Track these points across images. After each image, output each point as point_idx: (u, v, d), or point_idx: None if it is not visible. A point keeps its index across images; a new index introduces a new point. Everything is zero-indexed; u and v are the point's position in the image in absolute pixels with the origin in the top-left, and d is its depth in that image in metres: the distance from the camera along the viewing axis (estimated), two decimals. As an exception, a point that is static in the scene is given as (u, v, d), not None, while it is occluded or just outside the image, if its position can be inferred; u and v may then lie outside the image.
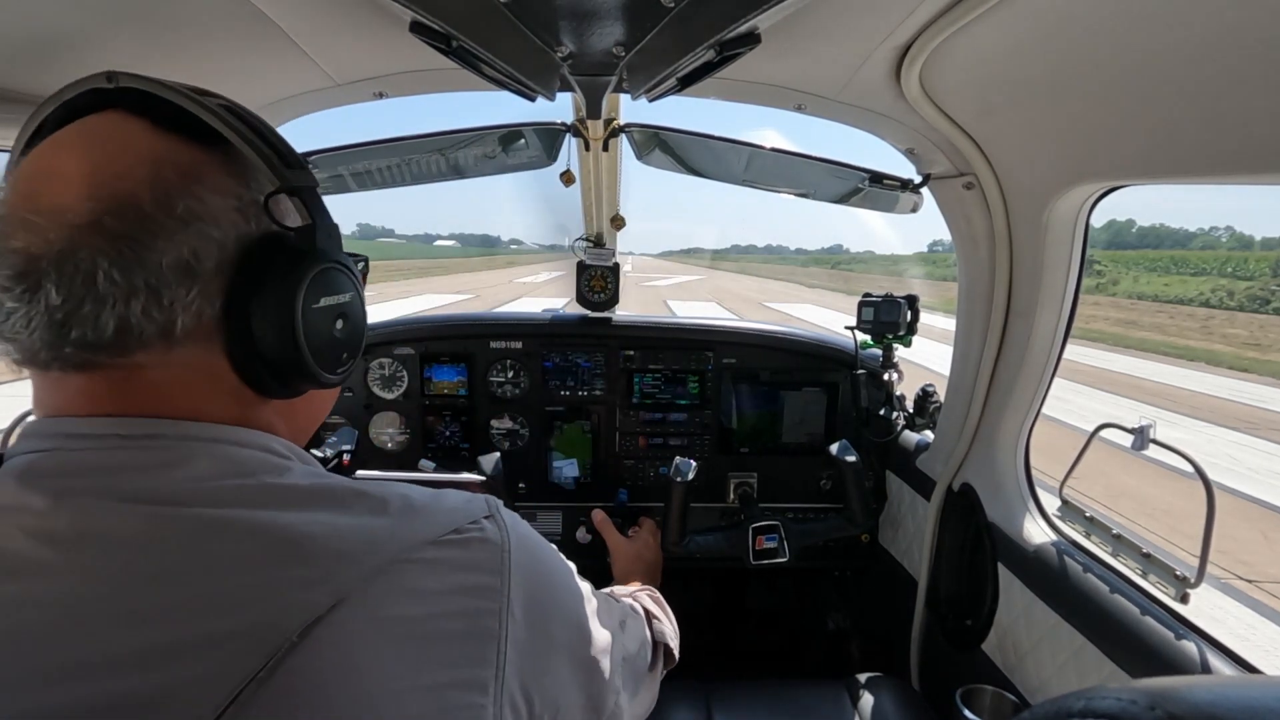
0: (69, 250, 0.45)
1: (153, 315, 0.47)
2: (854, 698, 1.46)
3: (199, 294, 0.49)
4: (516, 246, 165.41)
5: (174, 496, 0.46)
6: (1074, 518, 1.25)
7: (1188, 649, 0.95)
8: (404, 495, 0.53)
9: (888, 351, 1.78)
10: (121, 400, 0.49)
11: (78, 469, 0.46)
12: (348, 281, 0.59)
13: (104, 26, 0.85)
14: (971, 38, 0.90)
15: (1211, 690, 0.25)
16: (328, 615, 0.43)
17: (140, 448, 0.48)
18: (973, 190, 1.28)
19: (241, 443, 0.52)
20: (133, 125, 0.50)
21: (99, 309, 0.45)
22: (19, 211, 0.46)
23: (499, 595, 0.51)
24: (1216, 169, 0.79)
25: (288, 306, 0.52)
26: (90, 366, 0.48)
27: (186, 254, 0.48)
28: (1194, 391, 12.76)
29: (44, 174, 0.47)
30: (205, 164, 0.51)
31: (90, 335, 0.46)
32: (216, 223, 0.50)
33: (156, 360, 0.49)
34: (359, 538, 0.48)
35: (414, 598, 0.47)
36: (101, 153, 0.48)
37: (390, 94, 1.27)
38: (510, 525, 0.57)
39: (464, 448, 1.94)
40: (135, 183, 0.47)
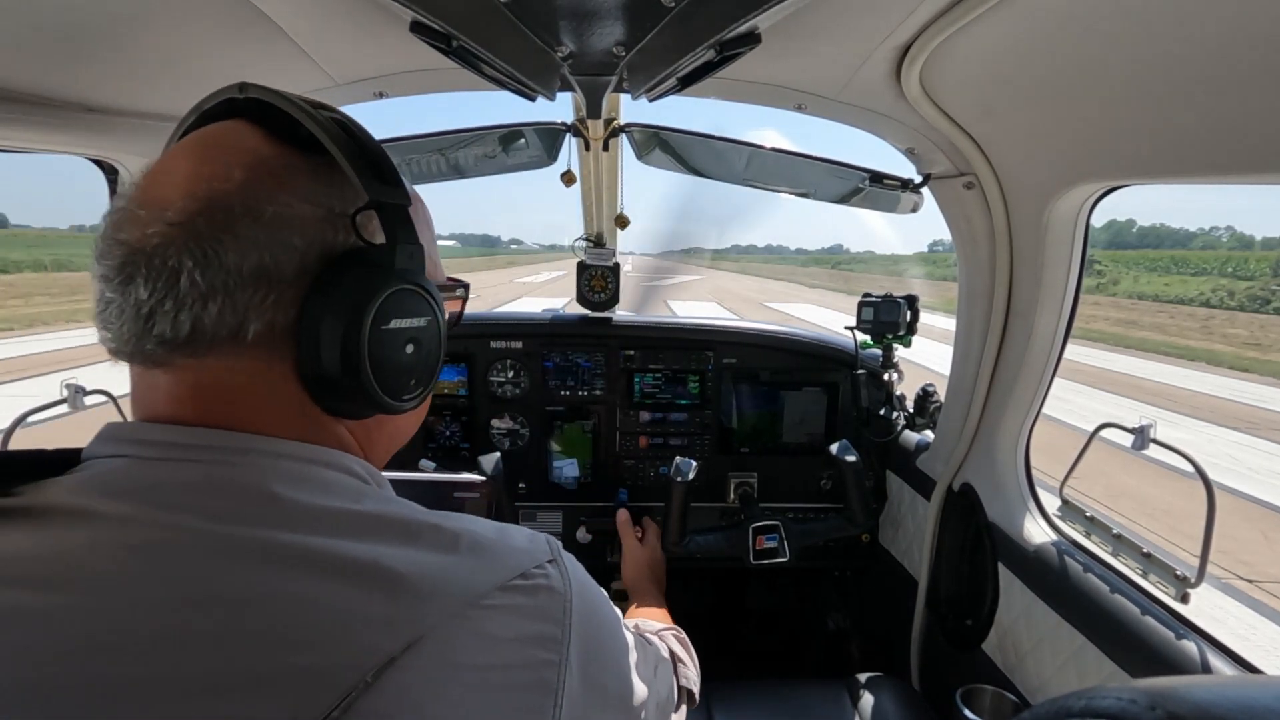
0: (162, 246, 0.46)
1: (226, 318, 0.47)
2: (854, 697, 1.46)
3: (274, 301, 0.49)
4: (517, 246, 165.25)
5: (248, 518, 0.45)
6: (1074, 518, 1.25)
7: (1188, 649, 0.95)
8: (472, 532, 0.51)
9: (888, 351, 1.78)
10: (197, 405, 0.49)
11: (154, 483, 0.46)
12: (426, 305, 0.57)
13: (104, 26, 0.85)
14: (972, 37, 0.90)
15: (1212, 690, 0.25)
16: (401, 658, 0.41)
17: (208, 461, 0.47)
18: (973, 190, 1.28)
19: (313, 460, 0.51)
20: (246, 131, 0.52)
21: (178, 308, 0.46)
22: (131, 206, 0.48)
23: (560, 646, 0.50)
24: (1217, 169, 0.79)
25: (354, 325, 0.50)
26: (167, 364, 0.48)
27: (267, 260, 0.48)
28: (1194, 391, 12.74)
29: (160, 171, 0.49)
30: (301, 171, 0.51)
31: (169, 333, 0.46)
32: (301, 231, 0.50)
33: (226, 364, 0.49)
34: (435, 577, 0.46)
35: (484, 645, 0.45)
36: (207, 155, 0.50)
37: (390, 94, 1.27)
38: (572, 572, 0.56)
39: (464, 447, 1.94)
40: (230, 185, 0.48)
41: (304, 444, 0.51)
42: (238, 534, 0.43)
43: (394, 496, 0.53)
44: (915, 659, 1.68)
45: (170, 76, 1.02)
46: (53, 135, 0.98)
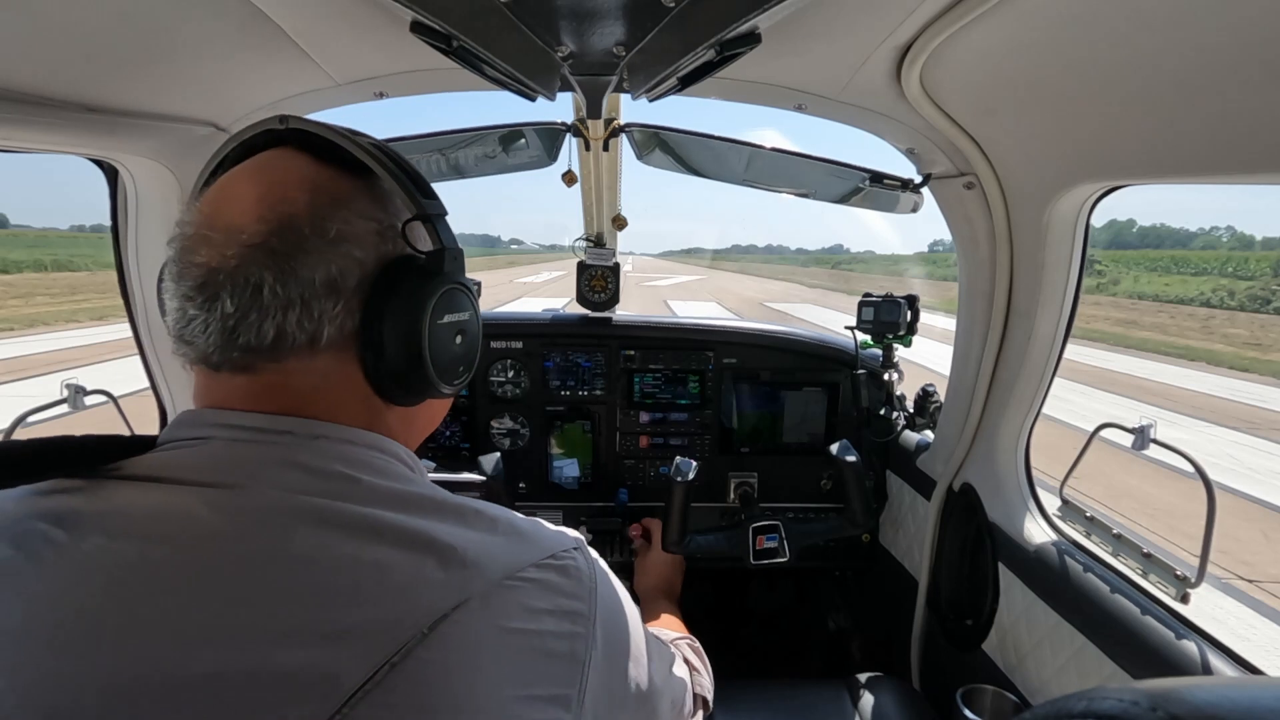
0: (242, 265, 0.51)
1: (304, 325, 0.53)
2: (854, 698, 1.46)
3: (343, 308, 0.55)
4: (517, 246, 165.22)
5: (321, 491, 0.51)
6: (1074, 518, 1.25)
7: (1188, 649, 0.95)
8: (509, 519, 0.58)
9: (888, 351, 1.78)
10: (272, 399, 0.55)
11: (241, 458, 0.52)
12: (468, 301, 0.65)
13: (105, 26, 0.85)
14: (972, 37, 0.90)
15: (1213, 691, 0.25)
16: (451, 614, 0.47)
17: (288, 443, 0.53)
18: (973, 190, 1.28)
19: (374, 446, 0.57)
20: (297, 159, 0.57)
21: (262, 318, 0.52)
22: (202, 230, 0.53)
23: (588, 622, 0.55)
24: (1217, 169, 0.79)
25: (416, 322, 0.58)
26: (250, 369, 0.54)
27: (335, 272, 0.54)
28: (1194, 391, 12.71)
29: (224, 198, 0.54)
30: (353, 192, 0.58)
31: (254, 341, 0.52)
32: (360, 244, 0.56)
33: (303, 366, 0.55)
34: (482, 551, 0.52)
35: (526, 613, 0.51)
36: (270, 181, 0.55)
37: (391, 94, 1.27)
38: (595, 560, 0.62)
39: (464, 447, 1.94)
40: (297, 207, 0.54)
41: (365, 431, 0.58)
42: (314, 504, 0.49)
43: (433, 484, 0.59)
44: (916, 659, 1.68)
45: (171, 77, 1.02)
46: (53, 135, 0.98)
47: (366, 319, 0.57)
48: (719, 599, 2.40)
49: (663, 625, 1.26)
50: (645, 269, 67.77)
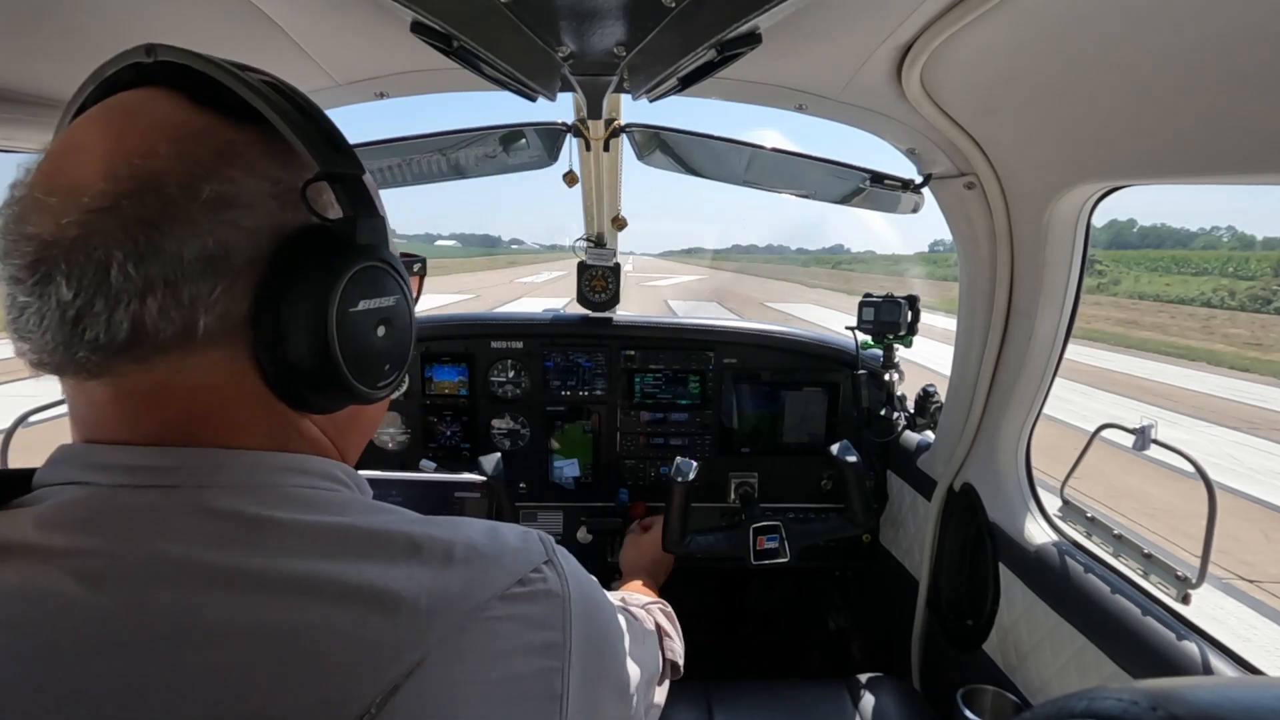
0: (82, 237, 0.39)
1: (169, 315, 0.41)
2: (855, 698, 1.46)
3: (224, 291, 0.43)
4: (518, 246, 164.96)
5: (226, 545, 0.41)
6: (1075, 518, 1.25)
7: (1189, 649, 0.95)
8: (467, 540, 0.48)
9: (888, 352, 1.78)
10: (152, 419, 0.44)
11: (123, 511, 0.41)
12: (393, 283, 0.52)
13: (103, 25, 0.85)
14: (973, 38, 0.90)
15: (1214, 691, 0.25)
16: (405, 683, 0.39)
17: (181, 483, 0.43)
18: (974, 190, 1.28)
19: (291, 469, 0.47)
20: (166, 100, 0.45)
21: (112, 306, 0.40)
22: (35, 192, 0.41)
23: (563, 651, 0.48)
24: (1218, 169, 0.79)
25: (320, 309, 0.46)
26: (106, 373, 0.42)
27: (212, 245, 0.42)
28: (1195, 391, 12.71)
29: (66, 151, 0.42)
30: (240, 143, 0.45)
31: (103, 336, 0.40)
32: (250, 210, 0.44)
33: (174, 366, 0.43)
34: (432, 593, 0.43)
35: (488, 659, 0.43)
36: (125, 128, 0.43)
37: (391, 94, 1.27)
38: (568, 571, 0.53)
39: (465, 447, 1.95)
40: (159, 160, 0.42)
41: (276, 454, 0.47)
42: (222, 563, 0.40)
43: (377, 504, 0.50)
44: (916, 659, 1.68)
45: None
46: (49, 135, 0.98)
47: (257, 306, 0.45)
48: (719, 599, 2.40)
49: (636, 590, 1.25)
50: (646, 269, 67.74)
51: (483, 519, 0.54)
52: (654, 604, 1.01)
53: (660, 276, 51.51)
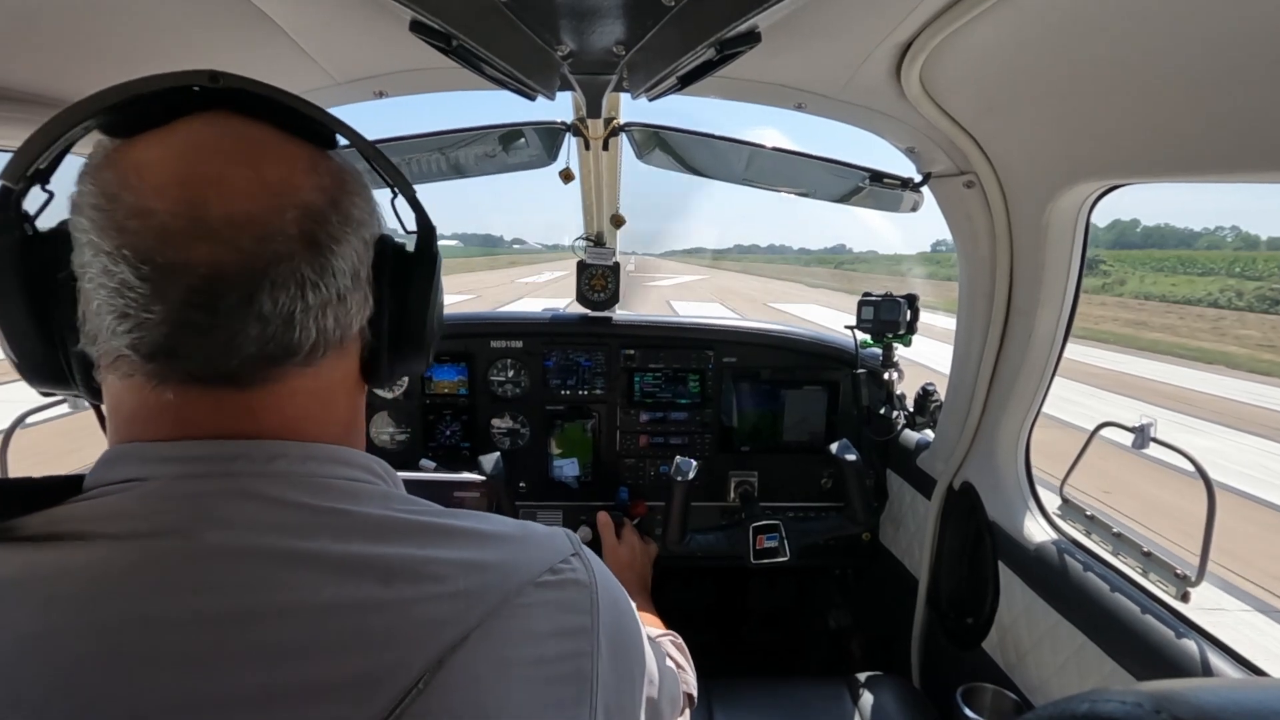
0: (276, 261, 0.44)
1: (340, 321, 0.49)
2: (855, 696, 1.46)
3: (361, 297, 0.51)
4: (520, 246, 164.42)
5: (292, 526, 0.45)
6: (1075, 516, 1.25)
7: (1188, 648, 0.95)
8: (499, 532, 0.52)
9: (888, 350, 1.78)
10: (252, 416, 0.48)
11: (186, 496, 0.44)
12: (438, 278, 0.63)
13: (102, 23, 0.85)
14: (972, 36, 0.90)
15: (1217, 693, 0.25)
16: (451, 656, 0.42)
17: (241, 472, 0.46)
18: (973, 189, 1.28)
19: (341, 461, 0.51)
20: (268, 132, 0.48)
21: (305, 319, 0.46)
22: (194, 220, 0.43)
23: (591, 636, 0.52)
24: (1218, 167, 0.79)
25: (432, 303, 0.57)
26: (263, 381, 0.47)
27: (355, 259, 0.50)
28: (1214, 396, 12.35)
29: (205, 180, 0.44)
30: (345, 172, 0.52)
31: (292, 347, 0.46)
32: (365, 227, 0.52)
33: (330, 366, 0.51)
34: (475, 576, 0.47)
35: (529, 639, 0.47)
36: (262, 158, 0.46)
37: (390, 93, 1.27)
38: (593, 563, 0.57)
39: (464, 447, 1.95)
40: (309, 190, 0.47)
41: (331, 445, 0.51)
42: (284, 545, 0.43)
43: (411, 497, 0.54)
44: (916, 658, 1.68)
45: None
46: None
47: (383, 305, 0.53)
48: (719, 598, 2.41)
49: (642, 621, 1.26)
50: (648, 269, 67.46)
51: (506, 517, 0.57)
52: (665, 636, 1.02)
53: (662, 276, 51.13)
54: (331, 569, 0.43)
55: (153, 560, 0.41)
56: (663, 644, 0.97)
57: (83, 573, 0.40)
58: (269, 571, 0.42)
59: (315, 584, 0.42)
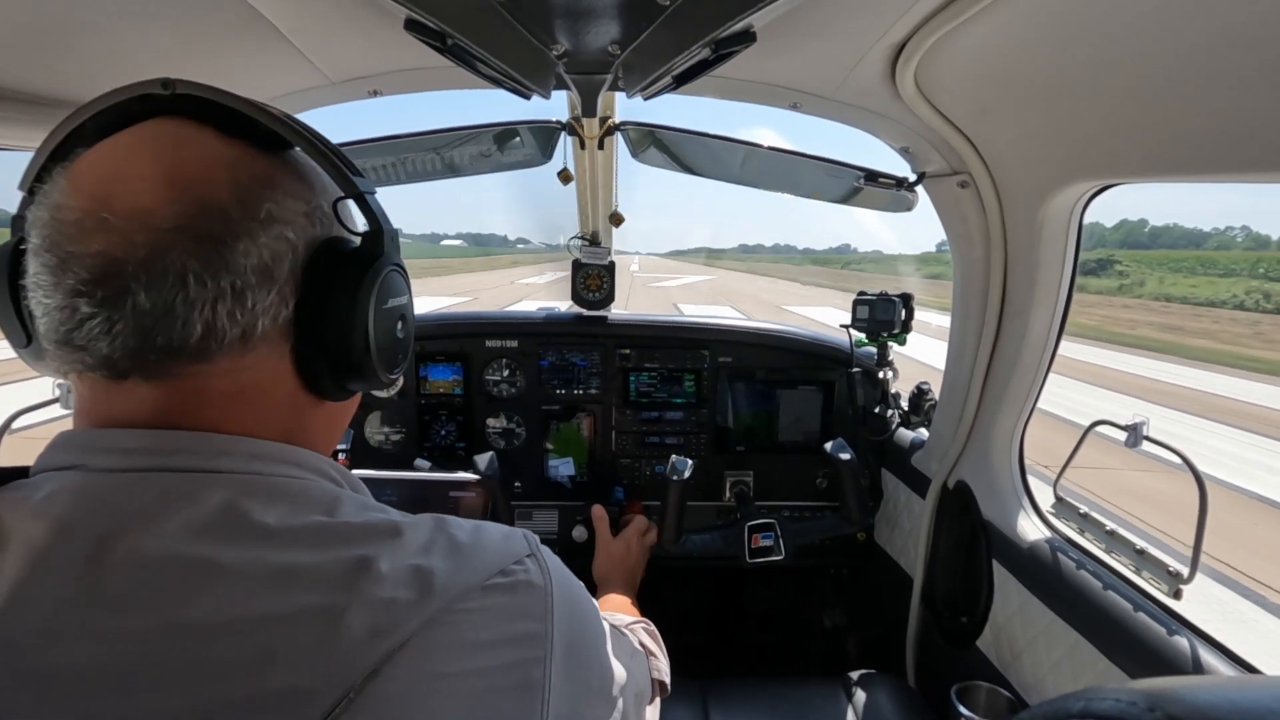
0: (158, 253, 0.44)
1: (236, 318, 0.47)
2: (850, 695, 1.47)
3: (275, 297, 0.50)
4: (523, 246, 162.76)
5: (220, 532, 0.43)
6: (1068, 514, 1.26)
7: (1180, 645, 0.96)
8: (449, 535, 0.51)
9: (883, 349, 1.78)
10: (184, 411, 0.48)
11: (109, 494, 0.44)
12: (404, 285, 0.60)
13: (97, 22, 0.84)
14: (966, 37, 0.90)
15: (1212, 691, 0.25)
16: (382, 669, 0.41)
17: (179, 468, 0.46)
18: (967, 189, 1.29)
19: (288, 461, 0.50)
20: (199, 132, 0.50)
21: (188, 312, 0.45)
22: (95, 213, 0.44)
23: (544, 642, 0.50)
24: (1211, 167, 0.80)
25: (362, 308, 0.53)
26: (165, 374, 0.47)
27: (267, 257, 0.49)
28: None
29: (115, 177, 0.46)
30: (277, 169, 0.52)
31: (177, 340, 0.46)
32: (291, 226, 0.51)
33: (234, 365, 0.49)
34: (415, 583, 0.45)
35: (466, 651, 0.45)
36: (177, 156, 0.48)
37: (385, 92, 1.27)
38: (551, 565, 0.55)
39: (460, 447, 1.94)
40: (216, 186, 0.47)
41: (281, 444, 0.51)
42: (196, 555, 0.42)
43: (365, 500, 0.53)
44: (911, 656, 1.69)
45: (165, 74, 1.01)
46: (40, 132, 0.97)
47: (304, 308, 0.52)
48: (716, 598, 2.41)
49: (615, 608, 1.24)
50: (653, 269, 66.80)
51: (473, 519, 0.55)
52: (637, 624, 1.02)
53: (668, 277, 50.13)
54: (263, 578, 0.42)
55: (66, 567, 0.40)
56: (635, 631, 0.97)
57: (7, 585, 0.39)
58: (195, 581, 0.41)
59: (245, 594, 0.41)
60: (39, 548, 0.41)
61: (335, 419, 0.62)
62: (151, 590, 0.40)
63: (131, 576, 0.41)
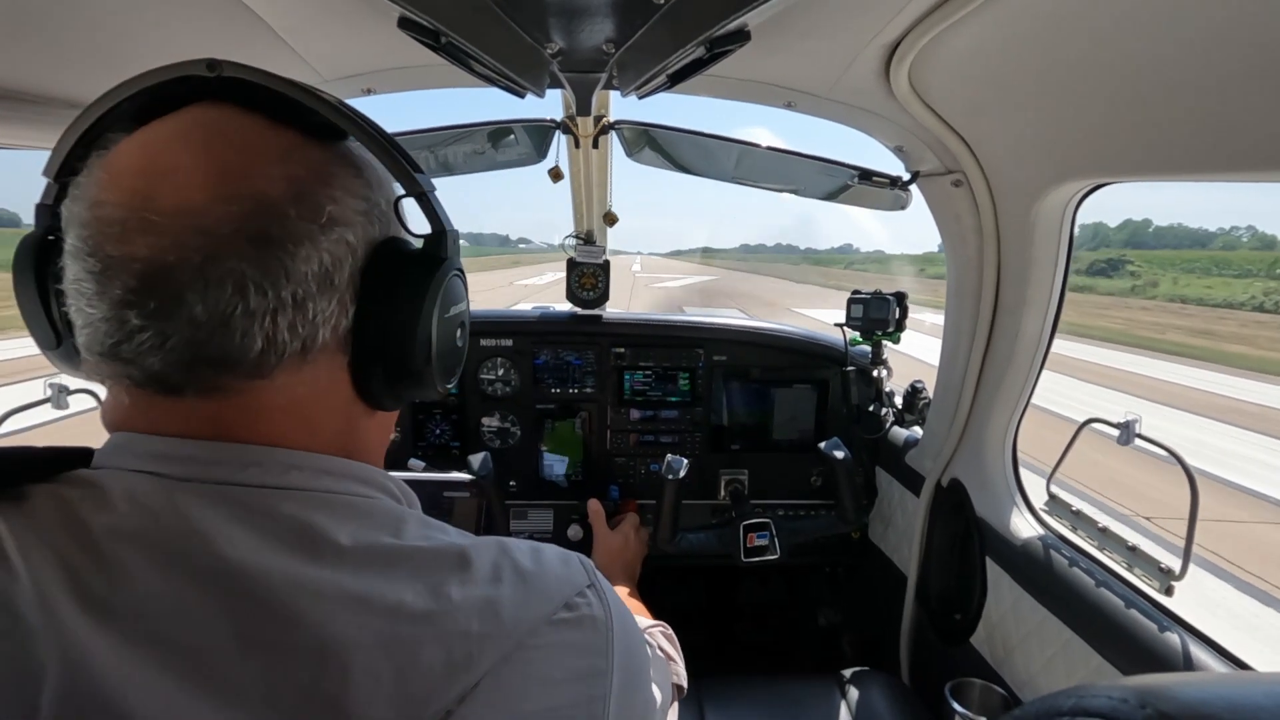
0: (214, 259, 0.40)
1: (297, 330, 0.44)
2: (844, 693, 1.47)
3: (336, 305, 0.46)
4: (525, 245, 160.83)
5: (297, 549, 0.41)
6: (1061, 512, 1.26)
7: (1172, 641, 0.97)
8: (512, 560, 0.48)
9: (877, 348, 1.79)
10: (241, 426, 0.45)
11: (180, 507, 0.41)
12: (464, 290, 0.57)
13: (90, 20, 0.84)
14: (960, 36, 0.90)
15: (1202, 688, 0.25)
16: (458, 709, 0.39)
17: (252, 481, 0.43)
18: (961, 188, 1.29)
19: (354, 477, 0.48)
20: (248, 119, 0.46)
21: (248, 325, 0.42)
22: (139, 212, 0.40)
23: (606, 679, 0.48)
24: (1204, 166, 0.80)
25: (427, 316, 0.50)
26: (220, 390, 0.44)
27: (328, 262, 0.45)
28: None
29: (160, 170, 0.42)
30: (334, 163, 0.48)
31: (234, 355, 0.42)
32: (351, 227, 0.47)
33: (292, 380, 0.46)
34: (488, 614, 0.43)
35: (541, 687, 0.43)
36: (226, 149, 0.44)
37: (379, 90, 1.26)
38: (608, 595, 0.53)
39: (454, 446, 1.94)
40: (271, 182, 0.43)
41: (343, 460, 0.49)
42: (287, 571, 0.40)
43: (427, 519, 0.51)
44: (905, 654, 1.70)
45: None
46: (40, 132, 0.96)
47: (365, 316, 0.48)
48: (710, 595, 2.41)
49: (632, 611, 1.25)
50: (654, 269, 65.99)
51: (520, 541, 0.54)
52: (655, 627, 1.02)
53: (671, 277, 48.96)
54: (343, 600, 0.40)
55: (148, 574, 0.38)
56: (655, 636, 0.97)
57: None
58: (279, 598, 0.39)
59: (326, 616, 0.39)
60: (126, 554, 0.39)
61: (387, 428, 0.59)
62: (234, 605, 0.38)
63: (215, 589, 0.38)
